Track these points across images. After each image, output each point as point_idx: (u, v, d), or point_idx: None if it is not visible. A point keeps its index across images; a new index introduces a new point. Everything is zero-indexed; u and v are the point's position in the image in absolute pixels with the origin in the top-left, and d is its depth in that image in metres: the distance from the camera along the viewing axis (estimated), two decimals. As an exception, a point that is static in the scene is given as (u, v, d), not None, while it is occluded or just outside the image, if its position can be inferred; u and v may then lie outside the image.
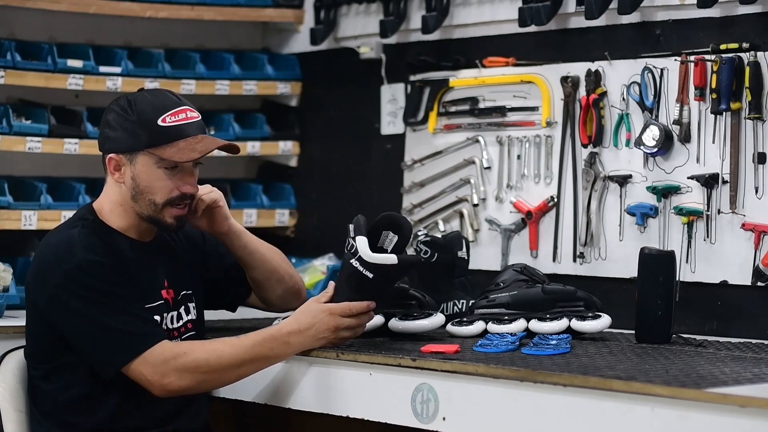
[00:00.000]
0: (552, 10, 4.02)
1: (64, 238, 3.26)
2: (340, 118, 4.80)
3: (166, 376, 3.15)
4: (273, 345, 3.22)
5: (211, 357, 3.19)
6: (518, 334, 3.41)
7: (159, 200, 3.28)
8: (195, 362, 3.17)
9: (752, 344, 3.46)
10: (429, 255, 3.77)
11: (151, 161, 3.27)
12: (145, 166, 3.27)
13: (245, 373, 3.25)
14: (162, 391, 3.18)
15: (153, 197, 3.28)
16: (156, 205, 3.29)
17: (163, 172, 3.27)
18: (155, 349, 3.16)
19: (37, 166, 4.41)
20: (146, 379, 3.16)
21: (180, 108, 3.30)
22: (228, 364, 3.20)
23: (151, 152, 3.26)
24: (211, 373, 3.20)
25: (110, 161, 3.30)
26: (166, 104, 3.29)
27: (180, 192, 3.30)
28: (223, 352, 3.20)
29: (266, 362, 3.25)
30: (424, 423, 3.05)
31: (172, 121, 3.28)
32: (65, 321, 3.20)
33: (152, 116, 3.26)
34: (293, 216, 4.88)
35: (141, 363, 3.15)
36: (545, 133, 4.11)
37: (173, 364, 3.15)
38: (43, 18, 4.43)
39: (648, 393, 2.68)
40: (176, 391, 3.19)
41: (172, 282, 3.40)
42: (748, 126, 3.64)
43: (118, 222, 3.33)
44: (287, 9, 4.86)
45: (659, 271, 3.46)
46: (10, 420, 3.35)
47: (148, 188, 3.28)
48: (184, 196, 3.31)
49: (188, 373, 3.17)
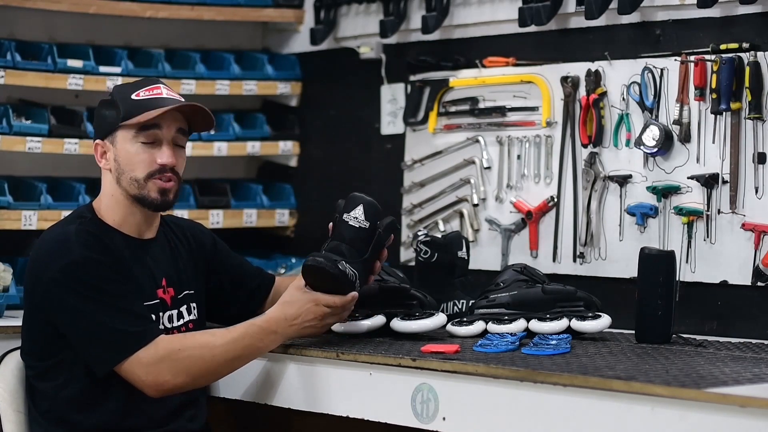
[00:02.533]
0: (552, 10, 4.02)
1: (60, 234, 3.26)
2: (340, 118, 4.80)
3: (161, 376, 3.15)
4: (262, 336, 3.24)
5: (204, 353, 3.19)
6: (518, 334, 3.41)
7: (140, 175, 3.29)
8: (190, 359, 3.17)
9: (752, 344, 3.46)
10: (429, 255, 3.78)
11: (128, 136, 3.29)
12: (123, 142, 3.30)
13: (237, 365, 3.27)
14: (156, 391, 3.17)
15: (134, 173, 3.29)
16: (138, 181, 3.29)
17: (141, 146, 3.29)
18: (149, 348, 3.15)
19: (37, 166, 4.41)
20: (140, 379, 3.16)
21: (157, 85, 3.35)
22: (221, 358, 3.20)
23: (125, 125, 3.28)
24: (204, 368, 3.20)
25: (96, 148, 3.34)
26: (145, 84, 3.35)
27: (158, 164, 3.30)
28: (215, 346, 3.20)
29: (257, 353, 3.27)
30: (424, 423, 3.05)
31: (146, 96, 3.31)
32: (60, 316, 3.19)
33: (127, 93, 3.32)
34: (293, 216, 4.88)
35: (134, 363, 3.15)
36: (545, 133, 4.11)
37: (167, 363, 3.15)
38: (43, 18, 4.43)
39: (648, 393, 2.68)
40: (171, 390, 3.19)
41: (173, 281, 3.39)
42: (748, 126, 3.64)
43: (114, 217, 3.33)
44: (287, 9, 4.86)
45: (659, 271, 3.46)
46: (10, 420, 3.35)
47: (128, 165, 3.29)
48: (163, 168, 3.30)
49: (183, 370, 3.17)
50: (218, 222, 4.62)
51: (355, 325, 3.44)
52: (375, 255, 3.39)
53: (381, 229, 3.38)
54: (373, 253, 3.37)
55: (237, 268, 3.62)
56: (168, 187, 3.32)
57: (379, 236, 3.37)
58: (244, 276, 3.62)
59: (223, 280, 3.57)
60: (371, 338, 3.43)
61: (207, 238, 3.59)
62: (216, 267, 3.57)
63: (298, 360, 3.30)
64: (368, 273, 3.39)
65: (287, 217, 4.86)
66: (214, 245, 3.59)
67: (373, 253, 3.37)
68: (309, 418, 3.45)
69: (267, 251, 4.84)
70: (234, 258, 3.64)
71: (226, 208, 4.69)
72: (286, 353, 3.32)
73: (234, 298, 3.59)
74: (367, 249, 3.35)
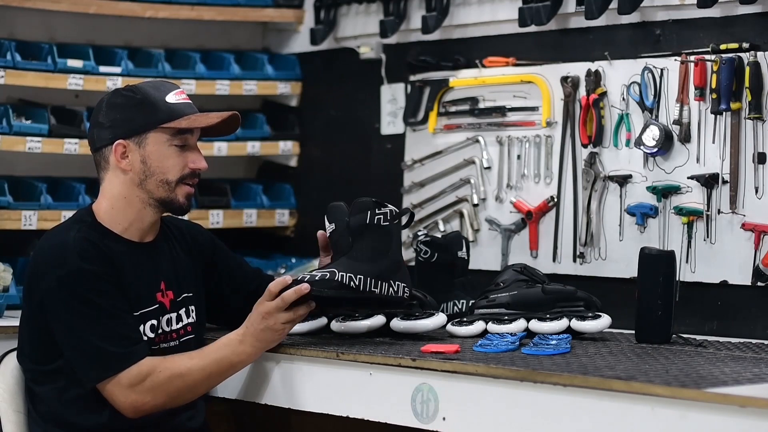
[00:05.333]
0: (552, 10, 4.02)
1: (59, 242, 3.26)
2: (340, 118, 4.80)
3: (141, 398, 3.18)
4: (239, 350, 3.26)
5: (183, 373, 3.22)
6: (518, 334, 3.41)
7: (172, 178, 3.31)
8: (169, 380, 3.20)
9: (752, 344, 3.46)
10: (429, 255, 3.78)
11: (162, 139, 3.29)
12: (156, 145, 3.29)
13: (215, 383, 3.32)
14: (134, 413, 3.20)
15: (166, 176, 3.30)
16: (169, 184, 3.31)
17: (175, 149, 3.31)
18: (131, 371, 3.17)
19: (37, 166, 4.41)
20: (119, 400, 3.19)
21: (179, 90, 3.38)
22: (199, 376, 3.24)
23: (164, 127, 3.29)
24: (184, 388, 3.23)
25: (117, 148, 3.29)
26: (167, 86, 3.37)
27: (190, 168, 3.33)
28: (193, 367, 3.23)
29: (234, 369, 3.30)
30: (424, 423, 3.05)
31: (178, 100, 3.34)
32: (54, 326, 3.21)
33: (158, 96, 3.32)
34: (293, 216, 4.88)
35: (114, 384, 3.17)
36: (545, 133, 4.11)
37: (149, 384, 3.18)
38: (43, 18, 4.43)
39: (648, 393, 2.68)
40: (150, 411, 3.22)
41: (172, 283, 3.39)
42: (748, 126, 3.64)
43: (118, 220, 3.33)
44: (287, 9, 4.86)
45: (659, 271, 3.46)
46: (9, 421, 3.35)
47: (159, 167, 3.30)
48: (195, 172, 3.34)
49: (162, 391, 3.20)
50: (218, 222, 4.62)
51: (355, 325, 3.44)
52: (357, 244, 3.38)
53: (349, 218, 3.39)
54: (354, 244, 3.38)
55: (236, 270, 3.62)
56: (192, 192, 3.37)
57: (349, 227, 3.38)
58: (243, 277, 3.61)
59: (222, 281, 3.57)
60: (371, 338, 3.43)
61: (206, 239, 3.59)
62: (215, 268, 3.56)
63: (298, 360, 3.30)
64: (358, 261, 3.36)
65: (287, 217, 4.86)
66: (213, 246, 3.59)
67: (354, 244, 3.38)
68: (308, 418, 3.45)
69: (267, 251, 4.84)
70: (233, 259, 3.64)
71: (226, 208, 4.69)
72: (286, 353, 3.32)
73: (233, 300, 3.58)
74: (348, 244, 3.36)
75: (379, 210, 3.38)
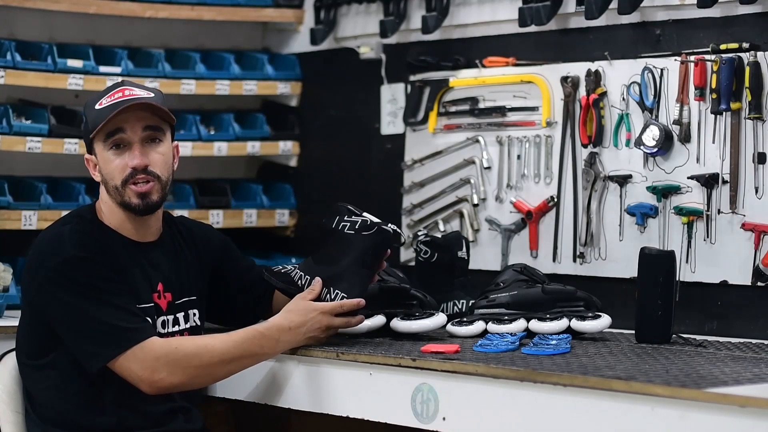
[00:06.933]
0: (552, 10, 4.02)
1: (55, 234, 3.26)
2: (340, 118, 4.80)
3: (157, 372, 3.14)
4: (263, 342, 3.23)
5: (202, 352, 3.18)
6: (518, 334, 3.42)
7: (117, 182, 3.28)
8: (186, 357, 3.17)
9: (752, 344, 3.46)
10: (429, 255, 3.78)
11: (100, 146, 3.29)
12: (100, 153, 3.30)
13: (235, 369, 3.26)
14: (151, 387, 3.16)
15: (114, 181, 3.28)
16: (118, 189, 3.28)
17: (112, 153, 3.28)
18: (145, 345, 3.14)
19: (37, 166, 4.41)
20: (136, 374, 3.14)
21: (119, 89, 3.30)
22: (219, 359, 3.19)
23: (94, 137, 3.28)
24: (201, 368, 3.19)
25: (88, 163, 3.35)
26: (108, 90, 3.32)
27: (131, 168, 3.27)
28: (213, 347, 3.19)
29: (255, 359, 3.26)
30: (424, 423, 3.05)
31: (108, 102, 3.28)
32: (53, 313, 3.18)
33: (92, 104, 3.31)
34: (293, 216, 4.88)
35: (130, 358, 3.13)
36: (545, 133, 4.11)
37: (164, 360, 3.14)
38: (43, 18, 4.43)
39: (648, 393, 2.68)
40: (167, 388, 3.18)
41: (172, 285, 3.37)
42: (748, 126, 3.64)
43: (113, 220, 3.33)
44: (287, 9, 4.86)
45: (659, 271, 3.46)
46: (8, 421, 3.34)
47: (108, 174, 3.29)
48: (135, 170, 3.27)
49: (180, 368, 3.16)
50: (218, 222, 4.62)
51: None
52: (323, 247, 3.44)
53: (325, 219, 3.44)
54: (321, 246, 3.45)
55: (244, 274, 3.59)
56: (145, 190, 3.28)
57: (326, 228, 3.42)
58: (251, 282, 3.58)
59: (229, 284, 3.56)
60: (371, 338, 3.43)
61: (217, 241, 3.57)
62: (223, 271, 3.55)
63: (298, 360, 3.30)
64: (316, 263, 3.41)
65: (287, 217, 4.86)
66: (224, 249, 3.58)
67: (321, 246, 3.45)
68: (309, 418, 3.45)
69: (267, 251, 4.83)
70: (243, 262, 3.62)
71: (226, 208, 4.69)
72: (286, 353, 3.32)
73: (239, 303, 3.57)
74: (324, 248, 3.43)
75: (348, 217, 3.38)
